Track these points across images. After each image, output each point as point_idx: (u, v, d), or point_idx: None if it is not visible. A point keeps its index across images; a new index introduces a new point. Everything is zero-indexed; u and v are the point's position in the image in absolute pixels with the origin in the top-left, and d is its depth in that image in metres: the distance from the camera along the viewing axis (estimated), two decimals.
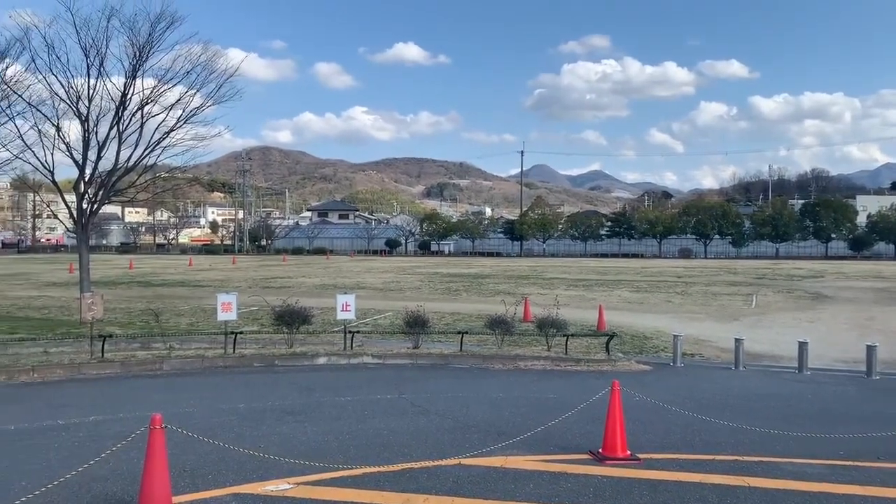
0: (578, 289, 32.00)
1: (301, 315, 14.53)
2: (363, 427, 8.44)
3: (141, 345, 14.49)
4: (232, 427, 8.33)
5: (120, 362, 12.50)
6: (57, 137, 18.46)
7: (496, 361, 13.41)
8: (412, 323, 14.36)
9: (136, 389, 11.19)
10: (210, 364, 12.92)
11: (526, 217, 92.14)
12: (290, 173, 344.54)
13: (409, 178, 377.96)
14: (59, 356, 13.00)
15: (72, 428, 8.31)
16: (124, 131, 18.69)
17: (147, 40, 18.24)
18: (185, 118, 19.18)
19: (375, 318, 19.76)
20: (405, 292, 29.57)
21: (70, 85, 18.18)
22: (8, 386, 11.16)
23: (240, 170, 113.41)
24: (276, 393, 10.82)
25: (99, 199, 19.25)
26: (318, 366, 13.30)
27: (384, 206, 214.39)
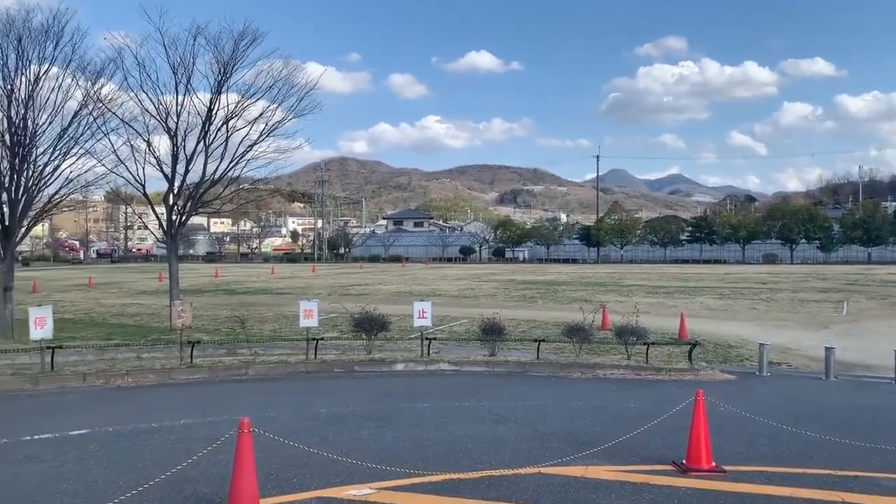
0: (658, 296, 31.31)
1: (379, 322, 14.75)
2: (442, 434, 8.50)
3: (227, 350, 15.01)
4: (315, 431, 8.53)
5: (208, 367, 12.99)
6: (148, 152, 19.38)
7: (574, 370, 13.27)
8: (488, 330, 14.38)
9: (223, 394, 11.60)
10: (293, 369, 13.26)
11: (602, 223, 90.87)
12: (367, 183, 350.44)
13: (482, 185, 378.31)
14: (151, 361, 13.62)
15: (164, 430, 8.68)
16: (210, 145, 19.45)
17: (231, 57, 18.96)
18: (268, 131, 19.82)
19: (451, 325, 19.86)
20: (480, 299, 29.60)
21: (160, 102, 19.06)
22: (105, 389, 11.75)
23: (318, 180, 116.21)
24: (356, 398, 11.02)
25: (187, 210, 20.08)
26: (395, 372, 13.47)
27: (458, 214, 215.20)
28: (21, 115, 17.64)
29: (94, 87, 18.60)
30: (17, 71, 17.61)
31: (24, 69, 17.68)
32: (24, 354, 13.67)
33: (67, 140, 18.52)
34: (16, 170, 17.75)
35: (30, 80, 17.75)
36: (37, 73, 17.89)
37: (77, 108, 18.55)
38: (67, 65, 18.22)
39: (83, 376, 12.09)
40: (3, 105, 17.62)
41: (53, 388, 11.70)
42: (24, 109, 17.68)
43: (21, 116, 17.65)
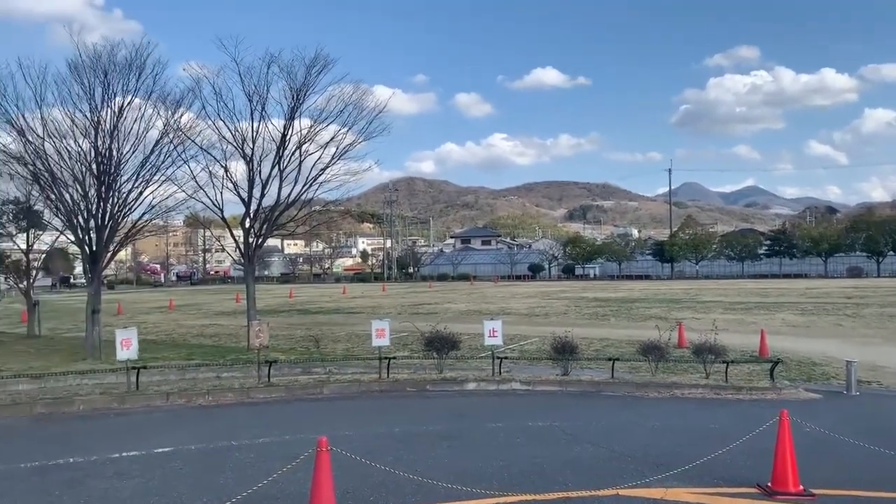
0: (737, 312, 30.33)
1: (449, 341, 14.77)
2: (516, 454, 8.42)
3: (302, 370, 15.30)
4: (389, 450, 8.58)
5: (284, 386, 13.26)
6: (225, 178, 20.07)
7: (651, 389, 12.96)
8: (560, 349, 14.20)
9: (299, 412, 11.81)
10: (366, 388, 13.40)
11: (676, 237, 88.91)
12: (434, 202, 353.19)
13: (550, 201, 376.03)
14: (230, 381, 14.00)
15: (244, 449, 8.89)
16: (284, 169, 19.98)
17: (303, 83, 19.48)
18: (339, 155, 20.23)
19: (522, 344, 19.71)
20: (550, 317, 29.31)
21: (236, 129, 19.73)
22: (187, 408, 12.14)
23: (387, 201, 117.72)
24: (429, 417, 11.05)
25: (263, 233, 20.66)
26: (467, 391, 13.44)
27: (526, 231, 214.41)
28: (107, 145, 18.51)
29: (174, 117, 19.40)
30: (102, 103, 18.52)
31: (109, 101, 18.59)
32: (111, 374, 14.25)
33: (149, 168, 19.36)
34: (102, 197, 18.62)
35: (114, 112, 18.61)
36: (121, 104, 18.75)
37: (158, 136, 19.38)
38: (149, 96, 19.08)
39: (166, 395, 12.52)
40: (91, 136, 18.53)
41: (139, 406, 12.15)
42: (110, 139, 18.55)
43: (107, 146, 18.52)
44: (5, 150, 19.34)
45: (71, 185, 18.81)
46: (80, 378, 14.20)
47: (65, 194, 18.83)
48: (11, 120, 18.35)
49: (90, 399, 12.23)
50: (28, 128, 18.44)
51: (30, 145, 18.54)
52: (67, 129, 18.74)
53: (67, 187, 18.83)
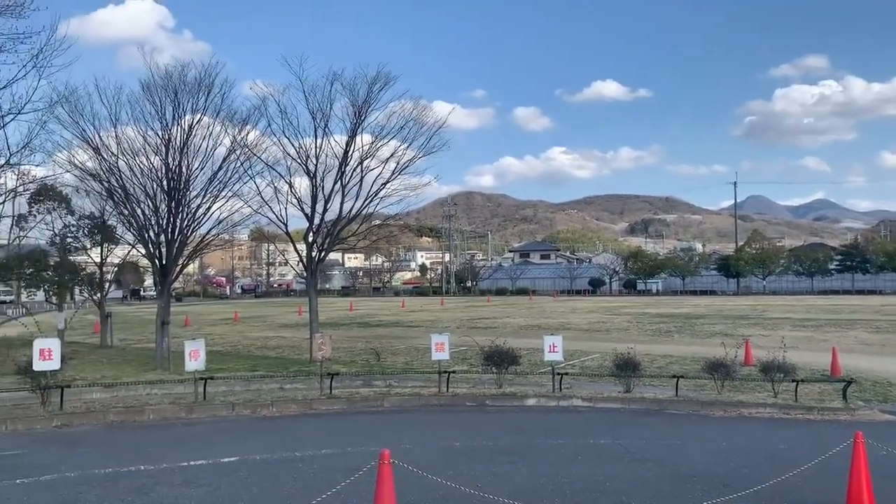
0: (806, 329, 29.32)
1: (509, 356, 14.70)
2: (577, 471, 8.32)
3: (363, 382, 15.46)
4: (450, 464, 8.58)
5: (346, 399, 13.42)
6: (290, 193, 20.53)
7: (716, 408, 12.63)
8: (622, 365, 13.98)
9: (360, 425, 11.92)
10: (426, 402, 13.45)
11: (742, 252, 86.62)
12: (492, 216, 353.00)
13: (610, 215, 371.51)
14: (294, 392, 14.25)
15: (307, 460, 9.03)
16: (346, 185, 20.33)
17: (365, 100, 19.81)
18: (399, 170, 20.46)
19: (582, 360, 19.48)
20: (612, 333, 28.87)
21: (300, 145, 20.18)
22: (252, 418, 12.40)
23: (445, 215, 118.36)
24: (489, 432, 11.01)
25: (325, 247, 21.03)
26: (527, 407, 13.34)
27: (586, 245, 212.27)
28: (177, 162, 19.19)
29: (240, 134, 19.99)
30: (173, 121, 19.23)
31: (179, 119, 19.28)
32: (180, 385, 14.68)
33: (217, 184, 19.98)
34: (172, 212, 19.28)
35: (184, 130, 19.28)
36: (190, 122, 19.43)
37: (226, 153, 20.00)
38: (217, 114, 19.72)
39: (232, 406, 12.82)
40: (162, 153, 19.23)
41: (206, 416, 12.48)
42: (180, 157, 19.22)
43: (177, 163, 19.19)
44: (82, 168, 20.25)
45: (143, 201, 19.55)
46: (150, 388, 14.68)
47: (137, 210, 19.58)
48: (88, 138, 19.21)
49: (160, 408, 12.62)
50: (103, 146, 19.27)
51: (105, 163, 19.36)
52: (140, 147, 19.52)
53: (139, 203, 19.58)
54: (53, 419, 11.79)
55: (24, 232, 23.89)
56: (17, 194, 20.99)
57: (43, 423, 11.64)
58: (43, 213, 25.57)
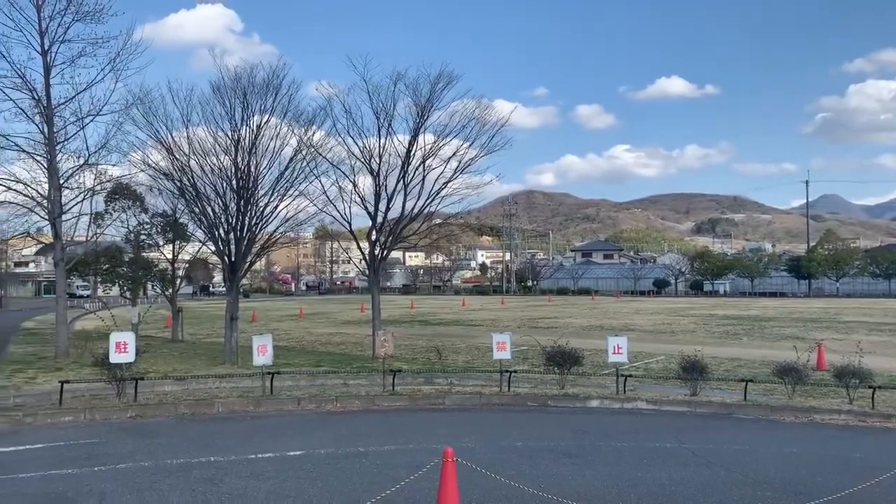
0: (883, 334, 28.11)
1: (572, 356, 14.56)
2: (642, 475, 8.18)
3: (425, 380, 15.54)
4: (512, 464, 8.56)
5: (408, 396, 13.53)
6: (353, 192, 20.80)
7: (787, 413, 12.23)
8: (688, 368, 13.67)
9: (422, 422, 12.00)
10: (487, 401, 13.44)
11: (814, 253, 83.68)
12: (554, 215, 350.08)
13: (676, 214, 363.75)
14: (357, 388, 14.44)
15: (370, 455, 9.14)
16: (409, 184, 20.46)
17: (428, 100, 19.89)
18: (461, 169, 20.48)
19: (647, 362, 19.13)
20: (677, 335, 28.28)
21: (364, 145, 20.41)
22: (317, 413, 12.61)
23: (506, 214, 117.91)
24: (551, 433, 10.93)
25: (388, 245, 21.23)
26: (590, 408, 13.19)
27: (650, 245, 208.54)
28: (245, 162, 19.67)
29: (306, 134, 20.36)
30: (242, 122, 19.72)
31: (248, 120, 19.76)
32: (247, 378, 15.07)
33: (284, 183, 20.41)
34: (241, 211, 19.78)
35: (252, 130, 19.75)
36: (258, 123, 19.88)
37: (292, 153, 20.40)
38: (284, 115, 20.13)
39: (298, 401, 13.08)
40: (231, 153, 19.74)
41: (272, 410, 12.76)
42: (248, 156, 19.69)
43: (245, 163, 19.67)
44: (155, 167, 20.96)
45: (213, 200, 20.11)
46: (219, 381, 15.11)
47: (207, 208, 20.16)
48: (161, 139, 19.89)
49: (229, 402, 12.97)
50: (176, 146, 19.91)
51: (177, 162, 20.00)
52: (210, 147, 20.10)
53: (210, 201, 20.14)
54: (128, 410, 12.24)
55: (100, 229, 24.83)
56: (95, 193, 21.85)
57: (118, 414, 12.10)
58: (118, 211, 26.55)
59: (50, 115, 19.66)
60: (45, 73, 19.59)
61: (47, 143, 19.73)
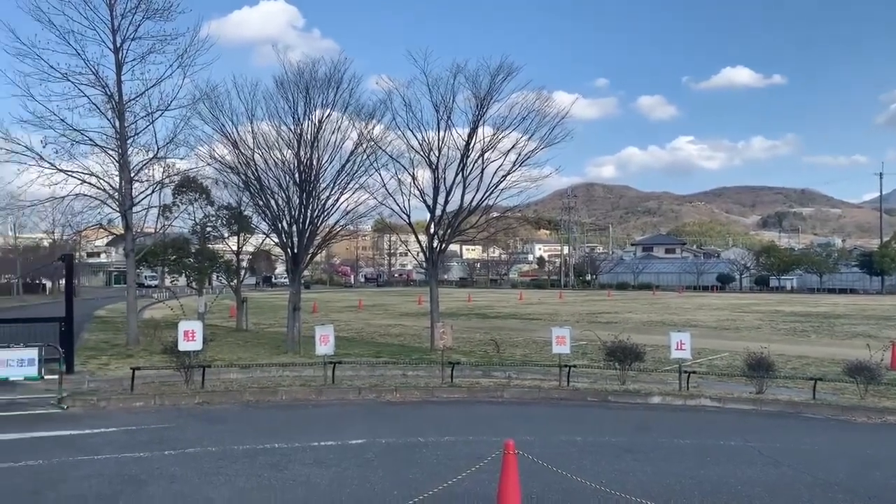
0: None
1: (633, 351, 14.35)
2: (707, 473, 8.02)
3: (483, 373, 15.56)
4: (572, 459, 8.50)
5: (466, 388, 13.57)
6: (412, 185, 20.94)
7: (858, 413, 11.80)
8: (754, 366, 13.32)
9: (480, 414, 12.02)
10: (546, 395, 13.37)
11: (887, 248, 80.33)
12: (614, 208, 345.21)
13: (741, 207, 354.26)
14: (416, 379, 14.56)
15: (430, 446, 9.21)
16: (467, 177, 20.48)
17: (487, 92, 19.87)
18: (520, 162, 20.40)
19: (710, 359, 18.73)
20: (742, 332, 27.58)
21: (423, 138, 20.51)
22: (377, 403, 12.77)
23: (565, 207, 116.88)
24: (612, 429, 10.81)
25: (446, 238, 21.31)
26: (651, 405, 12.98)
27: (714, 239, 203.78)
28: (308, 156, 20.00)
29: (367, 128, 20.58)
30: (304, 116, 20.07)
31: (310, 114, 20.09)
32: (309, 368, 15.36)
33: (345, 176, 20.71)
34: (303, 204, 20.14)
35: (314, 124, 20.07)
36: (320, 117, 20.19)
37: (353, 147, 20.66)
38: (345, 109, 20.38)
39: (358, 390, 13.26)
40: (294, 147, 20.11)
41: (334, 399, 12.97)
42: (310, 150, 20.02)
43: (308, 156, 20.01)
44: (221, 161, 21.53)
45: (276, 193, 20.55)
46: (281, 370, 15.44)
47: (271, 201, 20.61)
48: (227, 133, 20.42)
49: (291, 390, 13.25)
50: (241, 140, 20.41)
51: (241, 156, 20.51)
52: (274, 141, 20.53)
53: (273, 194, 20.59)
54: (196, 396, 12.63)
55: (168, 221, 25.66)
56: (163, 186, 22.58)
57: (186, 400, 12.49)
58: (185, 204, 27.37)
59: (121, 111, 20.38)
60: (116, 70, 20.31)
61: (119, 138, 20.46)
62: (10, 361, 12.08)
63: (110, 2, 19.79)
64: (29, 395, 12.68)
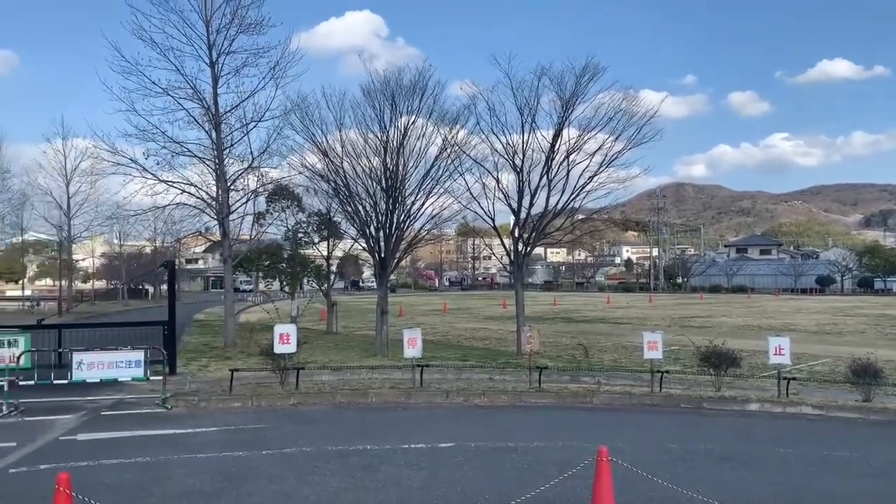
0: None
1: (728, 357, 13.89)
2: (810, 484, 7.68)
3: (571, 378, 15.39)
4: (667, 466, 8.29)
5: (555, 393, 13.45)
6: (497, 188, 20.94)
7: None
8: (860, 372, 12.65)
9: (570, 420, 11.90)
10: (637, 401, 13.10)
11: None
12: (705, 208, 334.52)
13: (841, 206, 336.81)
14: (503, 384, 14.54)
15: (519, 451, 9.18)
16: (552, 179, 20.32)
17: (573, 93, 19.66)
18: (607, 163, 20.06)
19: (811, 365, 17.89)
20: (845, 336, 26.22)
21: (507, 141, 20.48)
22: (465, 407, 12.83)
23: (653, 208, 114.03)
24: (707, 436, 10.49)
25: (531, 241, 21.20)
26: (748, 412, 12.52)
27: (812, 239, 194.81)
28: (394, 162, 20.32)
29: (451, 133, 20.72)
30: (390, 123, 20.39)
31: (395, 122, 20.41)
32: (397, 370, 15.57)
33: (429, 181, 20.91)
34: (390, 209, 20.46)
35: (400, 131, 20.37)
36: (406, 124, 20.47)
37: (437, 152, 20.84)
38: (430, 115, 20.59)
39: (446, 393, 13.36)
40: (380, 154, 20.47)
41: (422, 402, 13.11)
42: (396, 157, 20.32)
43: (394, 163, 20.32)
44: (311, 169, 22.15)
45: (364, 199, 20.95)
46: (371, 372, 15.73)
47: (359, 207, 21.03)
48: (317, 142, 20.99)
49: (381, 392, 13.48)
50: (330, 149, 20.93)
51: (331, 164, 21.03)
52: (361, 149, 20.95)
53: (361, 201, 21.00)
54: (290, 397, 13.02)
55: (262, 228, 26.62)
56: (257, 194, 23.45)
57: (282, 401, 12.90)
58: (278, 211, 28.28)
59: (218, 123, 21.27)
60: (213, 84, 21.23)
61: (215, 149, 21.37)
62: (119, 363, 12.81)
63: (206, 18, 20.72)
64: (136, 395, 13.39)
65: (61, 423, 11.08)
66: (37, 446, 9.51)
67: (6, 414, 11.64)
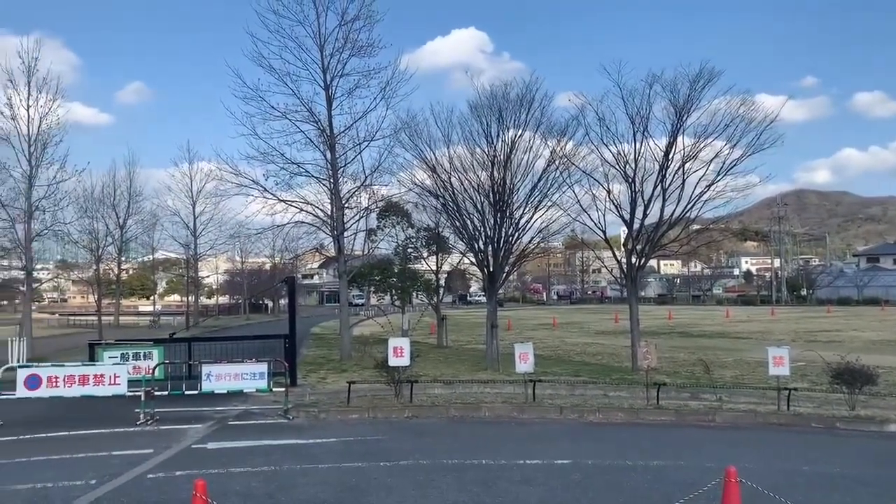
0: None
1: (863, 374, 12.98)
2: None
3: (690, 395, 14.82)
4: (798, 490, 7.83)
5: (674, 411, 13.00)
6: (607, 199, 20.54)
7: None
8: None
9: (690, 439, 11.46)
10: (763, 420, 12.47)
11: None
12: (830, 216, 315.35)
13: None
14: (619, 400, 14.20)
15: (638, 470, 8.92)
16: (667, 189, 19.71)
17: (686, 100, 19.04)
18: (724, 171, 19.26)
19: None
20: None
21: (618, 151, 20.07)
22: (579, 423, 12.61)
23: (774, 216, 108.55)
24: (842, 459, 9.84)
25: (645, 253, 20.64)
26: (888, 433, 11.68)
27: None
28: (501, 176, 20.36)
29: (559, 145, 20.55)
30: (497, 138, 20.47)
31: (502, 136, 20.46)
32: (509, 385, 15.51)
33: (537, 194, 20.80)
34: (498, 224, 20.50)
35: (507, 145, 20.41)
36: (513, 138, 20.49)
37: (545, 165, 20.71)
38: (537, 128, 20.52)
39: (560, 409, 13.19)
40: (488, 168, 20.57)
41: (535, 417, 13.00)
42: (504, 170, 20.36)
43: (501, 177, 20.36)
44: (420, 185, 22.55)
45: (472, 213, 21.10)
46: (482, 386, 15.76)
47: (467, 222, 21.20)
48: (426, 159, 21.37)
49: (494, 406, 13.47)
50: (438, 165, 21.25)
51: (439, 180, 21.33)
52: (468, 164, 21.12)
53: (469, 215, 21.16)
54: (405, 410, 13.23)
55: (374, 244, 27.34)
56: (370, 211, 24.12)
57: (397, 413, 13.13)
58: (389, 227, 28.99)
59: (332, 143, 22.08)
60: (327, 106, 22.07)
61: (331, 168, 22.16)
62: (244, 375, 13.45)
63: (321, 43, 21.61)
64: (259, 406, 14.01)
65: (192, 431, 11.74)
66: (171, 454, 10.10)
67: (143, 422, 12.45)
